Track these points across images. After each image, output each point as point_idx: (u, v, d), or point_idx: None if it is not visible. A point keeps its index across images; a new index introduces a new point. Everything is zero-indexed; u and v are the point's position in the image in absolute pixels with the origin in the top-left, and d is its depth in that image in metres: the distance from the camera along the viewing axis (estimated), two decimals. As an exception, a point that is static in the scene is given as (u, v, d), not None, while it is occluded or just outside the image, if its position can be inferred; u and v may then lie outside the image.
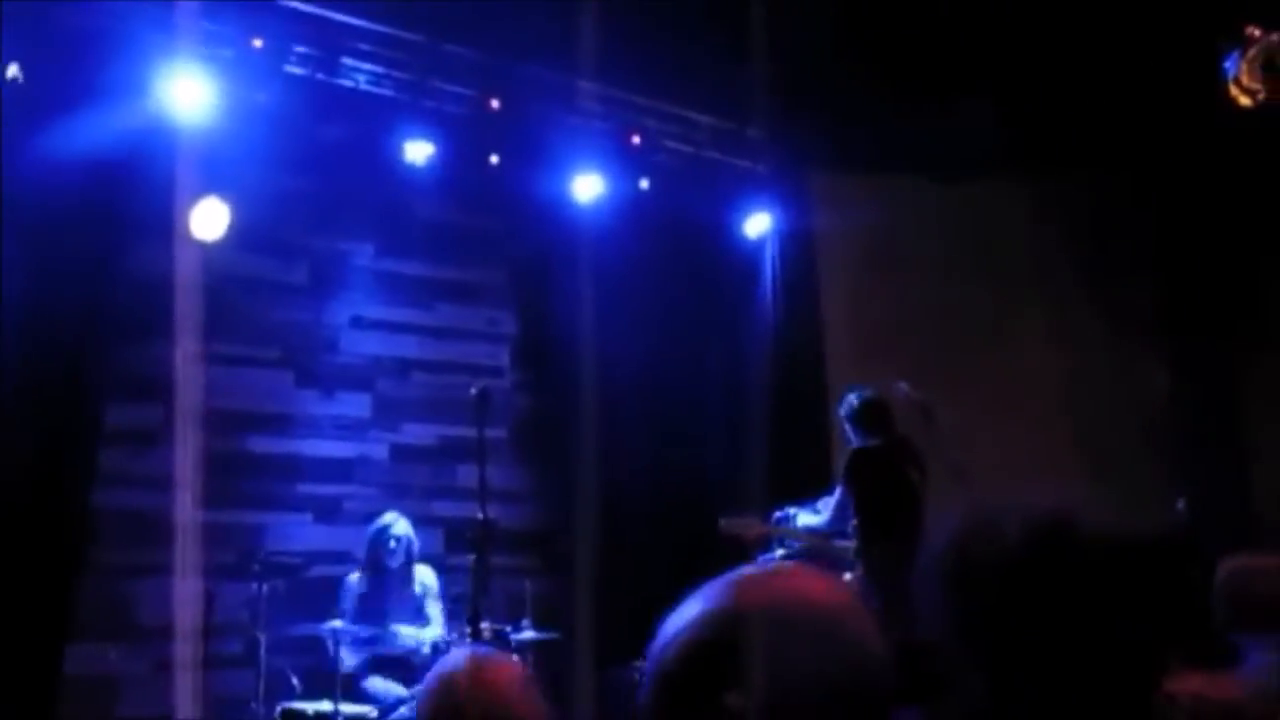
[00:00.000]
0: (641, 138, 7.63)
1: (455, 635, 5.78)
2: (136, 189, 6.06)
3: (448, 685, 2.25)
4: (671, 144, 7.83)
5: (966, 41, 6.87)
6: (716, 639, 1.26)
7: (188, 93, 5.96)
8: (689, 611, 1.30)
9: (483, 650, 2.44)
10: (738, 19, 5.98)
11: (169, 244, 6.22)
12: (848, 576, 6.38)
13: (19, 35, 5.53)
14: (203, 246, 6.18)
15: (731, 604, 1.29)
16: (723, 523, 6.51)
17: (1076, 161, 7.89)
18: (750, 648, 1.23)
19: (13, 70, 5.39)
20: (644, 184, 7.67)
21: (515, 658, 2.44)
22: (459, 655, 2.44)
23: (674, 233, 7.86)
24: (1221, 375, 8.12)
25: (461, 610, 5.83)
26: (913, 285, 8.05)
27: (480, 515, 5.55)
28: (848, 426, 6.57)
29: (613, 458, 7.39)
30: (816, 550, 6.73)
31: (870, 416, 6.49)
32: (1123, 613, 1.66)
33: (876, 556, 6.20)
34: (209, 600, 5.99)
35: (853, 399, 6.61)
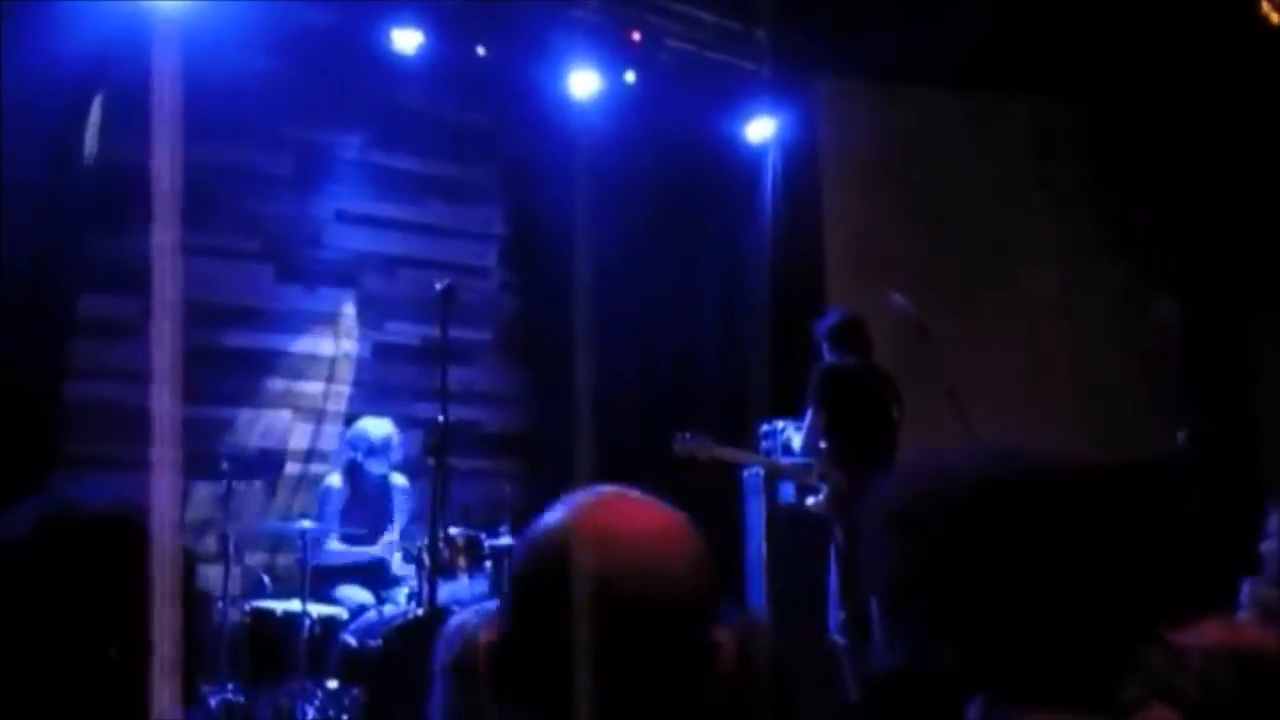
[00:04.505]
0: (642, 34, 7.34)
1: (423, 541, 5.64)
2: (109, 74, 5.80)
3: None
4: (673, 42, 7.53)
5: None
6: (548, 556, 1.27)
7: (163, -30, 5.65)
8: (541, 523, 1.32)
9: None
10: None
11: (145, 131, 5.99)
12: (811, 501, 6.24)
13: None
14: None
15: (566, 521, 1.29)
16: (676, 445, 6.24)
17: (1085, 77, 7.62)
18: (577, 567, 1.22)
19: None
20: (630, 77, 7.35)
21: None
22: (479, 614, 2.20)
23: (673, 134, 7.59)
24: (1230, 303, 7.93)
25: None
26: (917, 198, 7.82)
27: (440, 418, 5.43)
28: (824, 345, 6.31)
29: (602, 363, 7.24)
30: (782, 473, 6.60)
31: (846, 334, 6.24)
32: (1108, 559, 1.51)
33: (841, 484, 6.01)
34: (182, 496, 5.89)
35: (831, 316, 6.40)
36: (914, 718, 1.50)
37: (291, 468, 6.90)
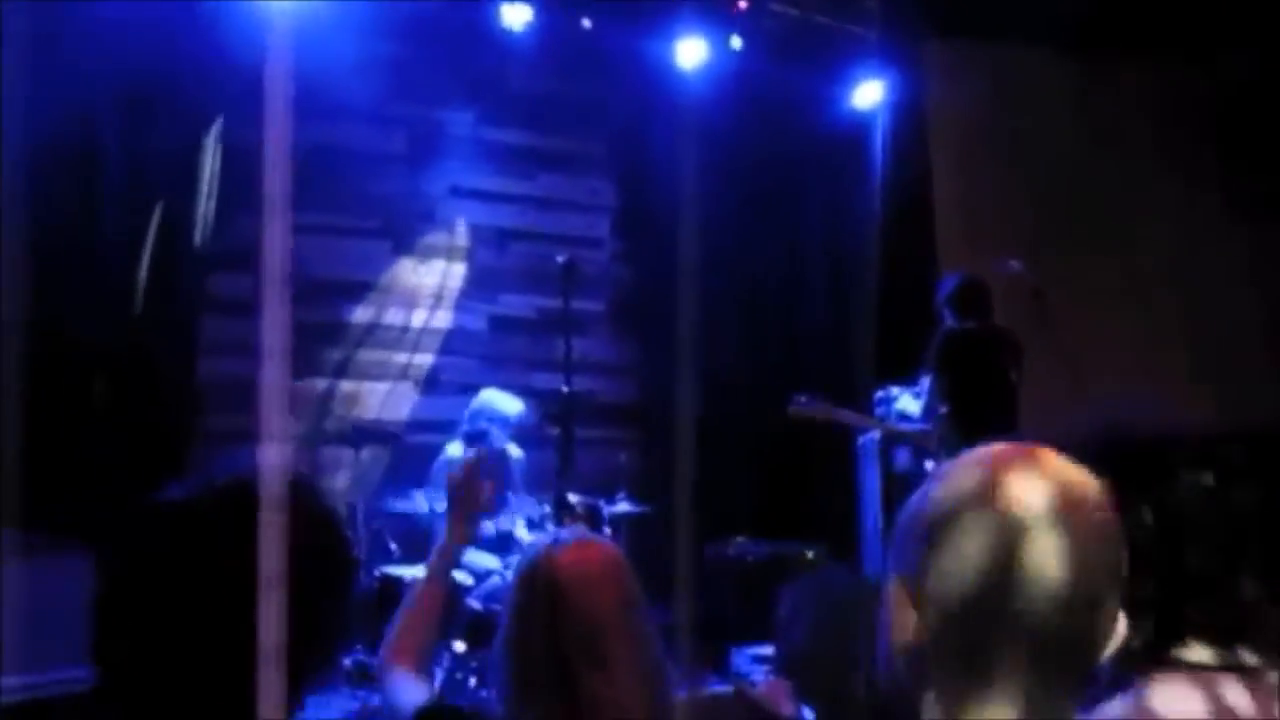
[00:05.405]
0: (747, 0, 7.31)
1: (546, 509, 5.77)
2: (230, 58, 5.98)
3: (538, 567, 2.18)
4: (779, 7, 7.48)
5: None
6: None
7: (281, -43, 5.80)
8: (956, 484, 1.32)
9: (575, 532, 2.38)
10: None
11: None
12: (930, 466, 6.22)
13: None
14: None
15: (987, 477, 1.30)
16: (792, 408, 6.26)
17: (1202, 37, 7.38)
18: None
19: None
20: (736, 44, 7.33)
21: (608, 538, 2.36)
22: (549, 538, 2.38)
23: (780, 100, 7.55)
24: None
25: (551, 484, 5.81)
26: (1029, 161, 7.68)
27: (565, 388, 5.52)
28: (944, 310, 6.22)
29: (713, 331, 7.28)
30: (901, 438, 6.56)
31: (967, 298, 6.13)
32: (1217, 524, 1.53)
33: (961, 449, 5.94)
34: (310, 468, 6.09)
35: (951, 280, 6.31)
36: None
37: (411, 437, 7.07)
